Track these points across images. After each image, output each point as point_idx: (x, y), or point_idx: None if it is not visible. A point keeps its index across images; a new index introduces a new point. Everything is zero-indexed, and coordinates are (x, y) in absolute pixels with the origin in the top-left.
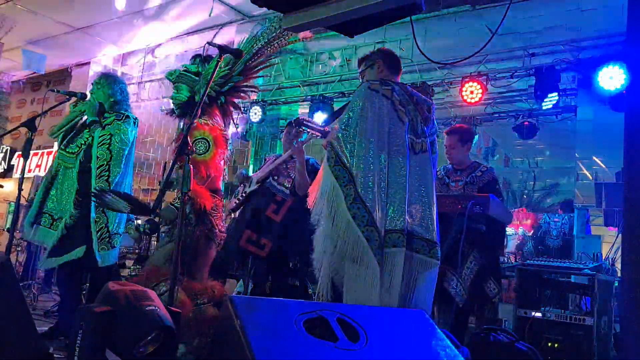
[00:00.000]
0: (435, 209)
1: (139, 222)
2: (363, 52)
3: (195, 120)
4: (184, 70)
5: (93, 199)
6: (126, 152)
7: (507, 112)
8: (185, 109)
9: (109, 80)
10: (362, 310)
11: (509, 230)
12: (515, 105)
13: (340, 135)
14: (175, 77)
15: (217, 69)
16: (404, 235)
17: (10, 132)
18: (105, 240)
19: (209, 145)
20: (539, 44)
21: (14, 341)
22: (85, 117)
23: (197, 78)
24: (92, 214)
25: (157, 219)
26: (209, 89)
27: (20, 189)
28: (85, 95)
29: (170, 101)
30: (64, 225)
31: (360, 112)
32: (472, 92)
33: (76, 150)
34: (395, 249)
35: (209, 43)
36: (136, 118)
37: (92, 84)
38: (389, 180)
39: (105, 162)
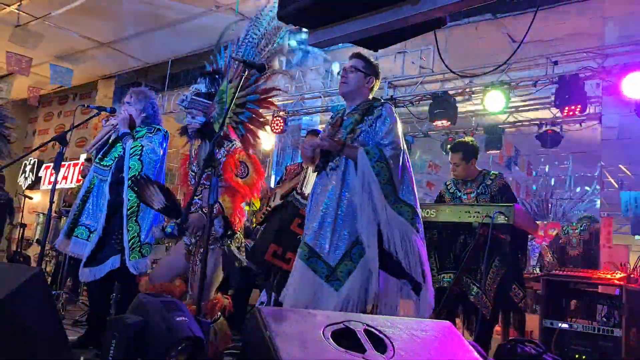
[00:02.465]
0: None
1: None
2: (383, 62)
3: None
4: (196, 95)
5: (130, 184)
6: (157, 164)
7: (530, 121)
8: (202, 134)
9: (140, 96)
10: (389, 321)
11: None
12: (538, 113)
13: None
14: (188, 104)
15: (239, 86)
16: None
17: (42, 145)
18: (136, 249)
19: (248, 170)
20: (562, 52)
21: (46, 352)
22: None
23: (209, 102)
24: (125, 223)
25: (184, 224)
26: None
27: (51, 201)
28: (115, 110)
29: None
30: (98, 237)
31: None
32: (494, 102)
33: (110, 164)
34: None
35: (233, 57)
36: (167, 131)
37: (128, 94)
38: None
39: (137, 173)
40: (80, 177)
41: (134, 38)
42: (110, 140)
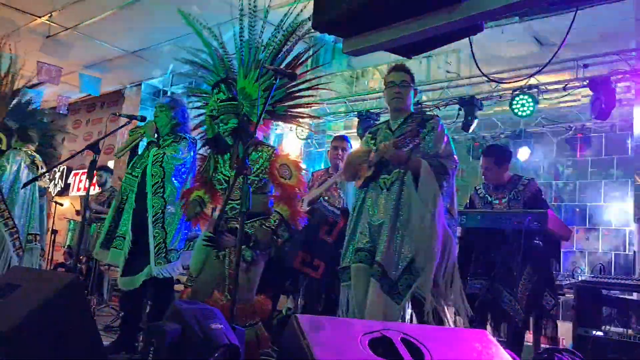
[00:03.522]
0: None
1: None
2: (410, 66)
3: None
4: (221, 102)
5: (205, 241)
6: (182, 170)
7: (559, 125)
8: (236, 135)
9: (171, 104)
10: (425, 330)
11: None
12: (568, 117)
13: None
14: (218, 112)
15: (271, 94)
16: None
17: (77, 154)
18: (161, 255)
19: (291, 170)
20: (593, 55)
21: (83, 357)
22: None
23: (236, 102)
24: (150, 229)
25: (251, 244)
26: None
27: (85, 208)
28: (145, 118)
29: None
30: (129, 245)
31: None
32: (523, 106)
33: (139, 173)
34: None
35: (264, 66)
36: (195, 139)
37: (155, 107)
38: None
39: (160, 179)
40: (98, 187)
41: (160, 46)
42: (140, 151)
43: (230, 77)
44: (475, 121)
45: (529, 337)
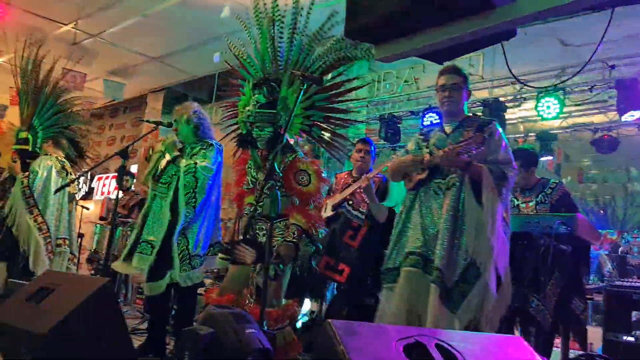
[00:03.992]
0: None
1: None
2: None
3: (292, 153)
4: (259, 108)
5: (220, 252)
6: (210, 181)
7: (585, 126)
8: (272, 144)
9: (187, 110)
10: (459, 336)
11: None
12: (594, 117)
13: None
14: (254, 118)
15: (298, 99)
16: None
17: (106, 159)
18: (186, 261)
19: (310, 177)
20: (620, 55)
21: (115, 358)
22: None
23: (274, 111)
24: (175, 237)
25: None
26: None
27: (115, 211)
28: (172, 124)
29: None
30: (156, 252)
31: None
32: (548, 108)
33: (169, 181)
34: None
35: (292, 72)
36: (220, 145)
37: (173, 113)
38: None
39: (192, 190)
40: (122, 191)
41: (183, 52)
42: (162, 163)
43: (273, 78)
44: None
45: (557, 342)
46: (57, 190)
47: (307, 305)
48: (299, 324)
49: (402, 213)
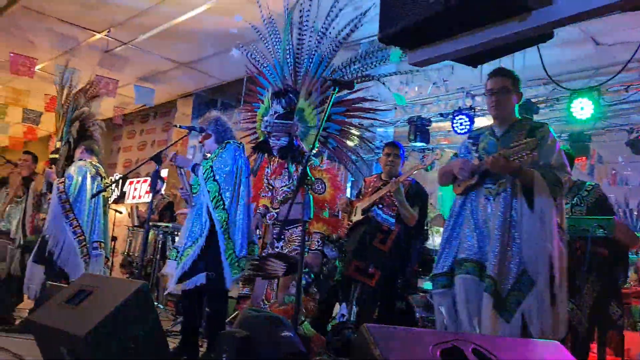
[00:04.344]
0: None
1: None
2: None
3: (310, 161)
4: (277, 118)
5: (251, 269)
6: (233, 175)
7: (620, 126)
8: (286, 153)
9: (204, 123)
10: (497, 341)
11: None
12: (630, 118)
13: None
14: (272, 128)
15: (330, 103)
16: None
17: (141, 165)
18: (234, 264)
19: (325, 185)
20: None
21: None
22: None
23: (291, 121)
24: (221, 243)
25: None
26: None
27: (149, 216)
28: (204, 129)
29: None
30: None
31: None
32: (582, 109)
33: (196, 190)
34: None
35: (325, 78)
36: (240, 143)
37: (203, 119)
38: None
39: (217, 193)
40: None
41: (211, 57)
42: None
43: (292, 89)
44: None
45: (593, 347)
46: (93, 196)
47: (336, 308)
48: (329, 327)
49: (451, 218)
